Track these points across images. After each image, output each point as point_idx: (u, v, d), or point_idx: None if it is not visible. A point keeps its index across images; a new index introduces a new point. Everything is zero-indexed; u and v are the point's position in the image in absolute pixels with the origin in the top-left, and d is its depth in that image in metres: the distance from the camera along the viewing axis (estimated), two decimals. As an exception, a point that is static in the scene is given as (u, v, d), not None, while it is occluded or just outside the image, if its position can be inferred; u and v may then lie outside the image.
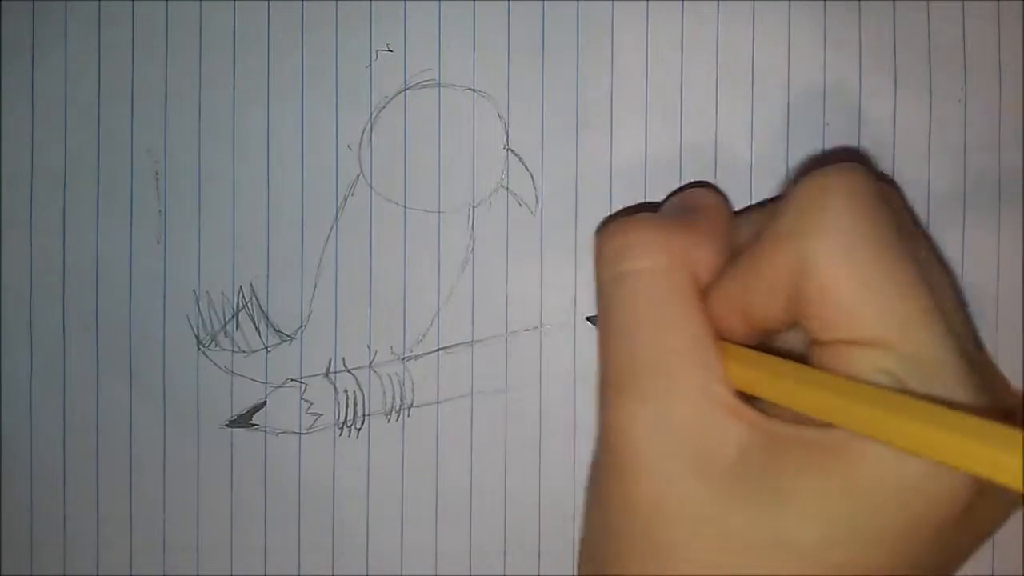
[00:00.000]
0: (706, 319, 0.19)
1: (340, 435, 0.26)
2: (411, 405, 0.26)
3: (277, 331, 0.26)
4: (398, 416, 0.26)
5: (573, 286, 0.26)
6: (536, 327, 0.26)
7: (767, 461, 0.18)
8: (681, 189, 0.25)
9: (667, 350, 0.19)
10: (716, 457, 0.18)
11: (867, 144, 0.26)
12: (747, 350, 0.19)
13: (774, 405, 0.19)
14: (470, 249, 0.26)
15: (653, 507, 0.18)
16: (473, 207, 0.26)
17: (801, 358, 0.19)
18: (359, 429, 0.26)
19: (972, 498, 0.17)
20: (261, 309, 0.26)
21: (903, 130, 0.26)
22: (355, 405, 0.26)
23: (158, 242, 0.26)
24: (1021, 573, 0.26)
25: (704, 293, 0.20)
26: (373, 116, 0.26)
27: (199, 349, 0.26)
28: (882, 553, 0.17)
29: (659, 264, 0.19)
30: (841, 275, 0.18)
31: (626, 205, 0.26)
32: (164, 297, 0.26)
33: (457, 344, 0.26)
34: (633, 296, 0.20)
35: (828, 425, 0.18)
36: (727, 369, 0.19)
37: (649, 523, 0.18)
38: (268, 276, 0.26)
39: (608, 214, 0.26)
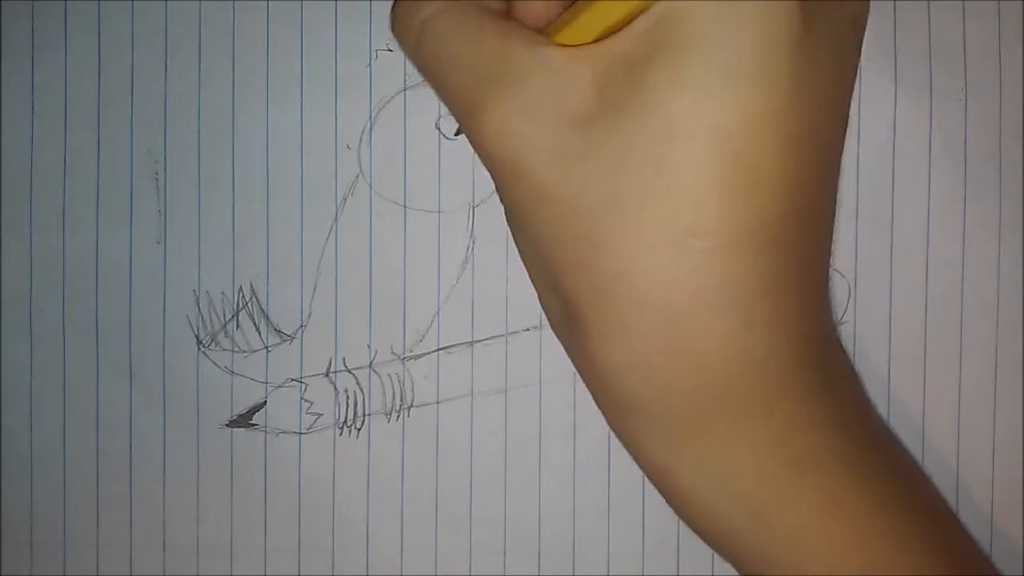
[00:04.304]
0: (506, 18, 0.20)
1: (340, 435, 0.26)
2: (411, 405, 0.26)
3: (277, 331, 0.26)
4: (398, 416, 0.26)
5: (573, 286, 0.26)
6: (536, 327, 0.26)
7: (625, 78, 0.18)
8: None
9: (489, 54, 0.19)
10: (580, 105, 0.18)
11: (867, 144, 0.26)
12: (559, 19, 0.20)
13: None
14: (470, 249, 0.26)
15: (555, 185, 0.19)
16: (473, 207, 0.26)
17: None
18: (359, 429, 0.26)
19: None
20: (261, 309, 0.26)
21: (903, 130, 0.26)
22: (355, 405, 0.26)
23: (158, 242, 0.26)
24: (1021, 573, 0.26)
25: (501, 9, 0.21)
26: (373, 116, 0.26)
27: (199, 349, 0.26)
28: (763, 91, 0.17)
29: (441, 5, 0.20)
30: None
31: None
32: (164, 297, 0.26)
33: (457, 344, 0.26)
34: (435, 40, 0.20)
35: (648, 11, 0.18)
36: (554, 41, 0.19)
37: (560, 195, 0.19)
38: (268, 276, 0.26)
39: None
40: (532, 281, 0.21)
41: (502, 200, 0.21)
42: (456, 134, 0.26)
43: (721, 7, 0.17)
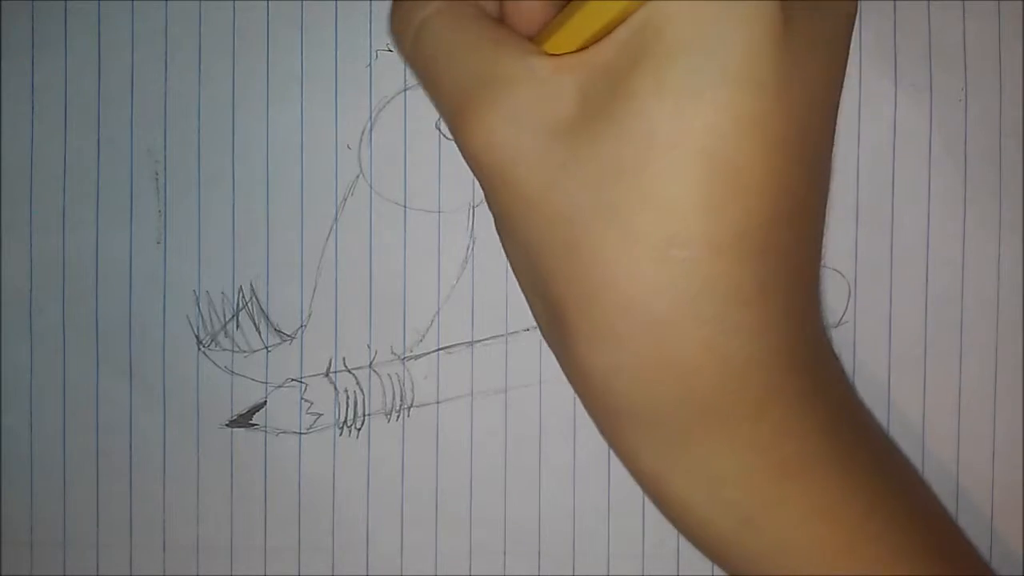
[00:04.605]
0: (500, 23, 0.20)
1: (340, 435, 0.26)
2: (411, 405, 0.26)
3: (277, 331, 0.26)
4: (398, 416, 0.26)
5: (573, 286, 0.26)
6: (536, 327, 0.26)
7: (608, 86, 0.18)
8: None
9: (479, 61, 0.19)
10: (564, 114, 0.19)
11: (867, 144, 0.26)
12: (549, 25, 0.20)
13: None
14: (470, 249, 0.26)
15: (540, 193, 0.19)
16: (473, 207, 0.26)
17: None
18: (359, 429, 0.26)
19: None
20: (261, 309, 0.26)
21: (903, 130, 0.26)
22: (355, 405, 0.26)
23: (158, 242, 0.26)
24: (1021, 573, 0.26)
25: (495, 14, 0.21)
26: (373, 116, 0.26)
27: (199, 349, 0.26)
28: (743, 95, 0.17)
29: (439, 5, 0.20)
30: None
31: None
32: (164, 297, 0.26)
33: (457, 344, 0.26)
34: (432, 41, 0.20)
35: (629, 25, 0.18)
36: (543, 48, 0.20)
37: (545, 203, 0.19)
38: (268, 276, 0.26)
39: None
40: (520, 287, 0.21)
41: (490, 207, 0.21)
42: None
43: (700, 12, 0.17)
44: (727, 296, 0.18)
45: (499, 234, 0.21)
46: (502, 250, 0.25)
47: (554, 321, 0.20)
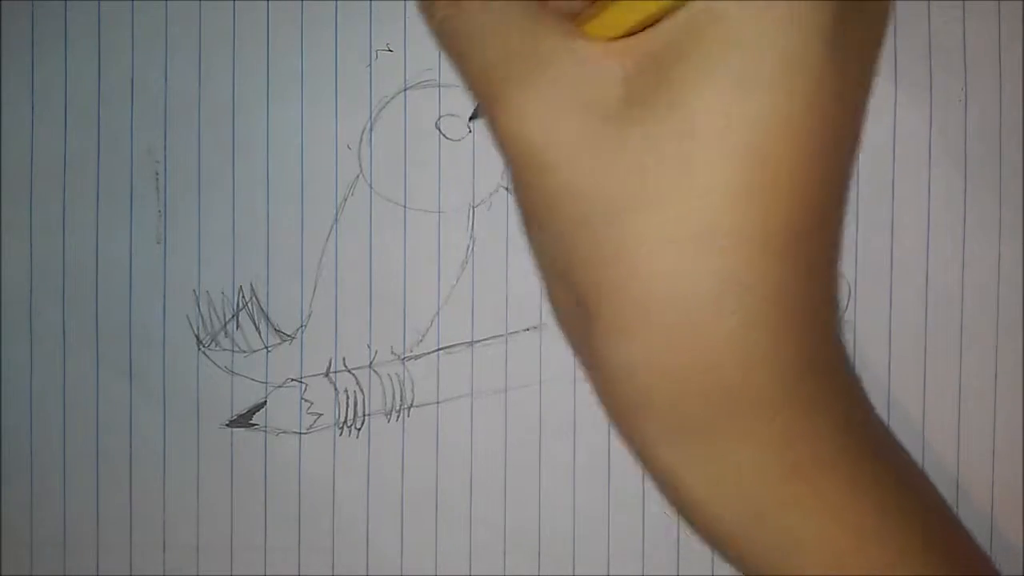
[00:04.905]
0: (539, 4, 0.20)
1: (340, 435, 0.26)
2: (411, 405, 0.26)
3: (277, 331, 0.26)
4: (398, 416, 0.26)
5: (573, 286, 0.26)
6: (536, 327, 0.26)
7: (654, 75, 0.18)
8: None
9: (519, 38, 0.19)
10: (607, 99, 0.18)
11: (867, 144, 0.26)
12: (589, 9, 0.20)
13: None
14: (470, 249, 0.26)
15: (575, 179, 0.19)
16: (473, 207, 0.26)
17: None
18: (359, 429, 0.26)
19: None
20: (261, 309, 0.26)
21: (903, 130, 0.26)
22: (355, 405, 0.26)
23: (158, 242, 0.26)
24: (1021, 573, 0.26)
25: None
26: (373, 116, 0.26)
27: (199, 349, 0.26)
28: (786, 92, 0.17)
29: None
30: None
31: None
32: (164, 297, 0.26)
33: (457, 344, 0.26)
34: (466, 14, 0.20)
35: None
36: (583, 32, 0.20)
37: (578, 189, 0.19)
38: (268, 276, 0.26)
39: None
40: (539, 270, 0.21)
41: (516, 189, 0.21)
42: (471, 119, 0.26)
43: (758, 9, 0.17)
44: (751, 290, 0.18)
45: (523, 220, 0.21)
46: (502, 250, 0.25)
47: (579, 311, 0.20)
